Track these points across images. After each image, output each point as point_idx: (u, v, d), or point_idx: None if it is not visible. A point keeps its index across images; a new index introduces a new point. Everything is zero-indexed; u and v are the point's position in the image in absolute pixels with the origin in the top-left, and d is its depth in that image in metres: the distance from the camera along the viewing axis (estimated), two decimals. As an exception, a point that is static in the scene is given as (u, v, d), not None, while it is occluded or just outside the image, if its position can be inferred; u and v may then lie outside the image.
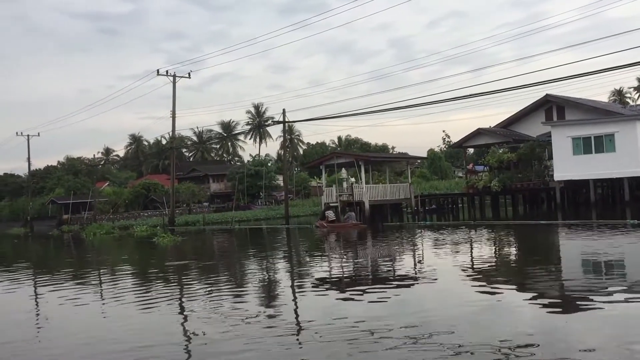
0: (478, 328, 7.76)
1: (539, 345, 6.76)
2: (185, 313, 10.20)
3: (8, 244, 39.71)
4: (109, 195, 69.63)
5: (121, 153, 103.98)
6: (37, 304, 12.36)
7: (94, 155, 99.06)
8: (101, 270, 18.60)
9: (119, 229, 45.05)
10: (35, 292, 14.26)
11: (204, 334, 8.24)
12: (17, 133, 72.47)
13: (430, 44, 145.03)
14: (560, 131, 33.76)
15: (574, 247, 17.52)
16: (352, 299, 10.66)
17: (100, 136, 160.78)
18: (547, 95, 38.44)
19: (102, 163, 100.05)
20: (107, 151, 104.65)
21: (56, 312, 11.23)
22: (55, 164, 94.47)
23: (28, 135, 72.29)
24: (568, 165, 33.17)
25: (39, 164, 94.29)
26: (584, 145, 32.83)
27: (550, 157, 35.40)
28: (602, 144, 32.41)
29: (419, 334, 7.53)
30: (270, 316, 9.44)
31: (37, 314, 11.12)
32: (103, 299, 12.33)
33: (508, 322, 8.07)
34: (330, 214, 33.62)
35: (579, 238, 19.13)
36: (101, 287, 14.55)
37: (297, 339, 7.84)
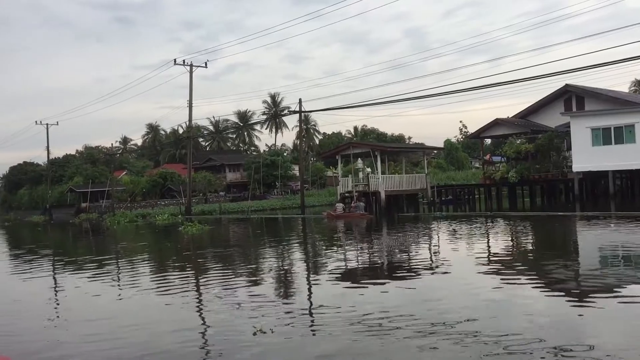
0: (494, 320, 7.73)
1: (555, 338, 6.73)
2: (237, 305, 10.11)
3: (33, 233, 39.96)
4: (127, 184, 70.27)
5: (138, 142, 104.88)
6: (97, 295, 12.12)
7: (112, 144, 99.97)
8: (142, 259, 18.44)
9: (141, 218, 45.39)
10: (90, 283, 13.81)
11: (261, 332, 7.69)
12: (36, 122, 73.47)
13: (446, 33, 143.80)
14: (579, 122, 33.34)
15: (592, 239, 17.34)
16: (369, 290, 10.68)
17: (117, 125, 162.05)
18: (566, 85, 37.96)
19: (119, 152, 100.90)
20: (125, 140, 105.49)
21: (113, 302, 11.32)
22: (73, 152, 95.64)
23: (47, 124, 73.19)
24: (587, 156, 32.76)
25: (57, 152, 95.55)
26: (604, 136, 32.39)
27: (569, 148, 34.99)
28: (622, 135, 31.94)
29: (434, 325, 7.53)
30: (289, 304, 9.51)
31: (98, 306, 11.07)
32: (147, 288, 12.33)
33: (524, 314, 8.03)
34: (339, 207, 33.61)
35: (597, 230, 18.93)
36: (145, 276, 14.54)
37: (313, 330, 7.90)
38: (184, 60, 46.55)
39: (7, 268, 17.54)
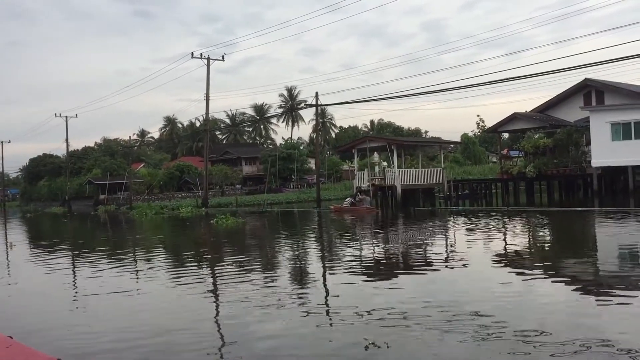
0: (511, 315, 7.71)
1: (574, 333, 6.70)
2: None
3: (63, 225, 39.29)
4: (144, 176, 70.84)
5: (156, 135, 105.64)
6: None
7: (130, 136, 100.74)
8: (206, 256, 16.94)
9: (167, 210, 45.45)
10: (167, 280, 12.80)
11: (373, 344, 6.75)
12: (55, 114, 74.24)
13: (464, 26, 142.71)
14: (599, 116, 32.93)
15: (610, 235, 17.16)
16: (385, 284, 10.70)
17: (135, 118, 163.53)
18: (585, 79, 37.49)
19: (137, 145, 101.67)
20: (143, 133, 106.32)
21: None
22: (92, 145, 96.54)
23: (66, 117, 73.98)
24: (606, 152, 32.37)
25: (76, 144, 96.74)
26: (624, 131, 31.97)
27: (588, 143, 34.60)
28: (643, 130, 31.50)
29: (452, 321, 7.54)
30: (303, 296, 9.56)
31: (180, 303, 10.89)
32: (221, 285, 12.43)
33: (542, 310, 8.01)
34: (348, 201, 33.80)
35: (616, 226, 18.72)
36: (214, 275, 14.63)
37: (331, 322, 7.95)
38: (201, 54, 46.76)
39: (71, 261, 16.62)
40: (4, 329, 6.79)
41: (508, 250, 14.66)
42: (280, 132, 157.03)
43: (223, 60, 47.91)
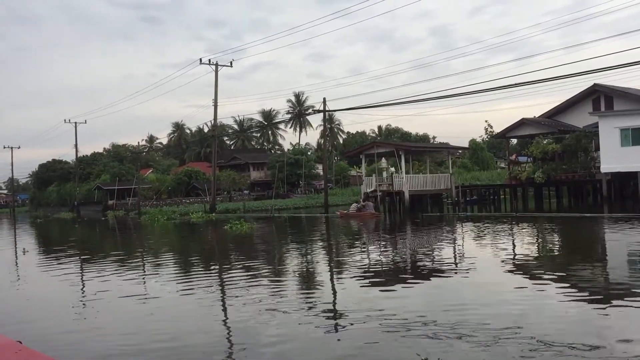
0: (519, 322, 7.66)
1: (582, 338, 6.66)
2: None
3: (72, 230, 38.75)
4: (153, 182, 71.10)
5: (164, 141, 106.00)
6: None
7: (138, 142, 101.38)
8: (219, 261, 16.75)
9: (177, 215, 45.47)
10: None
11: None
12: (64, 120, 74.79)
13: (473, 31, 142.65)
14: (608, 122, 32.76)
15: (620, 241, 17.03)
16: (391, 290, 10.66)
17: (144, 124, 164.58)
18: (594, 84, 37.35)
19: (146, 150, 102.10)
20: (151, 139, 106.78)
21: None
22: (101, 150, 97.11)
23: (75, 123, 74.48)
24: (616, 157, 32.18)
25: (85, 150, 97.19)
26: (633, 137, 31.77)
27: (597, 149, 34.42)
28: (653, 136, 31.30)
29: (459, 328, 7.50)
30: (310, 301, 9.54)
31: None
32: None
33: (551, 317, 7.96)
34: (354, 207, 33.90)
35: (626, 232, 18.59)
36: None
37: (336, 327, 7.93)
38: (209, 60, 47.00)
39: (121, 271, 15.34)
40: (14, 334, 6.82)
41: (516, 258, 14.57)
42: (288, 137, 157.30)
43: (231, 66, 48.13)
